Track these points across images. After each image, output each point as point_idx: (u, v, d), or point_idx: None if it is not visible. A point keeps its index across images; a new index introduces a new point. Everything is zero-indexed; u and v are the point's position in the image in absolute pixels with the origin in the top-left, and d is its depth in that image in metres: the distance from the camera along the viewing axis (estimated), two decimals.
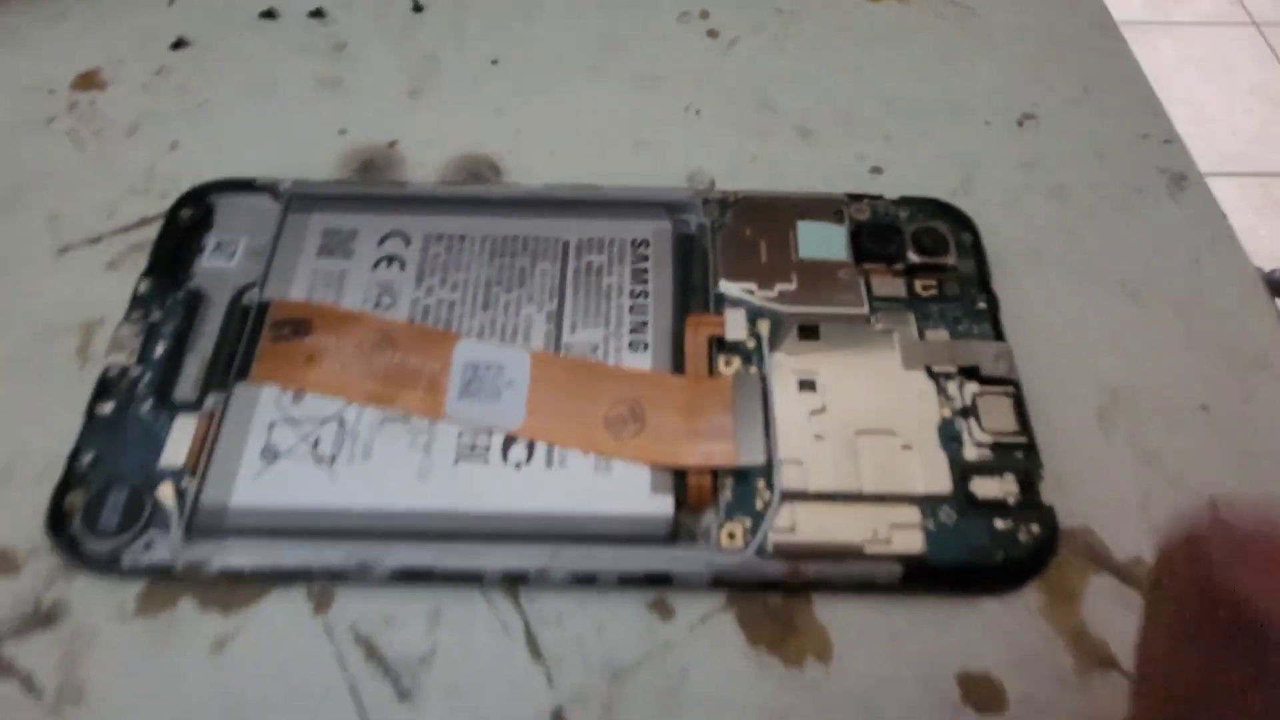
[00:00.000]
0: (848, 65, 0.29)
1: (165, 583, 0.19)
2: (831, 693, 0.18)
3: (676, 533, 0.18)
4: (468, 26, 0.29)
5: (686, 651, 0.18)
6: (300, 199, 0.23)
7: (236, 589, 0.19)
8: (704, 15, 0.31)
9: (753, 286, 0.22)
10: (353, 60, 0.29)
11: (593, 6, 0.30)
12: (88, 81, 0.28)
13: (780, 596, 0.19)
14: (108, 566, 0.18)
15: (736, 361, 0.21)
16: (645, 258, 0.22)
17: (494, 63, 0.29)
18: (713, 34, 0.30)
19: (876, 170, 0.27)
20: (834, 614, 0.19)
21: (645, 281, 0.22)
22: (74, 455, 0.19)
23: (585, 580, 0.18)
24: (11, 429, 0.21)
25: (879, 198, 0.24)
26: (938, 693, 0.18)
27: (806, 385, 0.20)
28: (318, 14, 0.30)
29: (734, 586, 0.19)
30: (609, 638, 0.19)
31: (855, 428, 0.20)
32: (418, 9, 0.30)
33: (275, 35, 0.29)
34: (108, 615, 0.19)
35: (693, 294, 0.22)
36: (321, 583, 0.19)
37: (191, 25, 0.29)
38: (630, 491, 0.19)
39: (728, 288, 0.22)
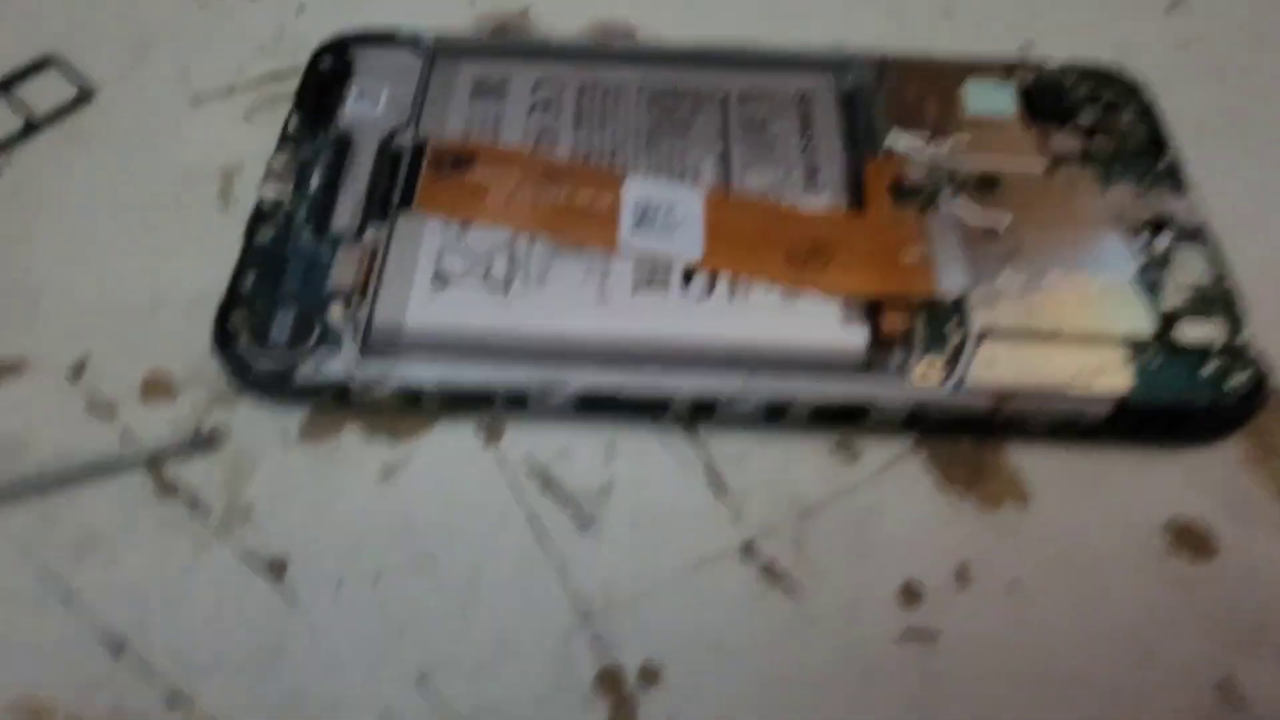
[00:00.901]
0: None
1: (329, 409, 0.18)
2: (1032, 537, 0.18)
3: (870, 366, 0.18)
4: None
5: (875, 491, 0.18)
6: (447, 49, 0.22)
7: (402, 419, 0.18)
8: None
9: (923, 139, 0.21)
10: None
11: None
12: None
13: (971, 441, 0.18)
14: (278, 384, 0.17)
15: (909, 207, 0.20)
16: (809, 110, 0.21)
17: None
18: None
19: (1028, 44, 0.26)
20: (1028, 460, 0.18)
21: (811, 131, 0.21)
22: (236, 278, 0.19)
23: (777, 411, 0.17)
24: (159, 266, 0.20)
25: (1041, 65, 0.23)
26: (1143, 540, 0.17)
27: (990, 233, 0.20)
28: None
29: (928, 425, 0.18)
30: (793, 477, 0.18)
31: (1047, 273, 0.19)
32: None
33: None
34: (270, 440, 0.18)
35: (859, 145, 0.21)
36: (498, 410, 0.18)
37: None
38: (820, 323, 0.18)
39: (898, 139, 0.21)
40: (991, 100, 0.22)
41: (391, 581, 0.17)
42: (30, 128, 0.22)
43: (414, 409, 0.18)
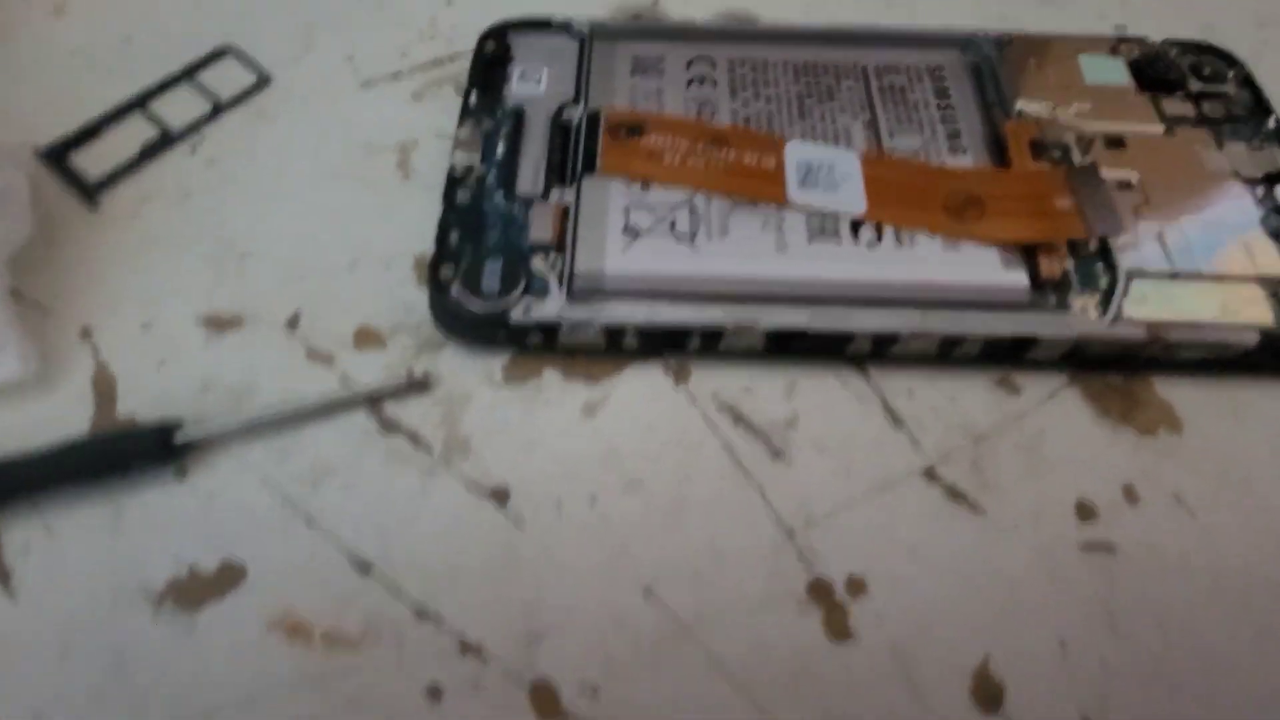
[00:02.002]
0: None
1: (528, 354, 0.20)
2: (1189, 458, 0.19)
3: (1032, 305, 0.19)
4: None
5: (1039, 420, 0.19)
6: (601, 32, 0.24)
7: (595, 363, 0.20)
8: None
9: (1050, 105, 0.23)
10: None
11: None
12: None
13: (1121, 376, 0.20)
14: (491, 328, 0.19)
15: (1047, 164, 0.21)
16: (943, 79, 0.23)
17: None
18: None
19: (1120, 27, 0.28)
20: (1177, 392, 0.20)
21: (948, 98, 0.23)
22: (441, 235, 0.20)
23: (950, 344, 0.19)
24: (350, 230, 0.22)
25: (1144, 39, 0.25)
26: None
27: (1125, 185, 0.21)
28: None
29: (1086, 358, 0.19)
30: (962, 408, 0.19)
31: (1179, 218, 0.20)
32: None
33: None
34: (477, 382, 0.19)
35: (993, 109, 0.22)
36: (691, 348, 0.19)
37: None
38: (983, 267, 0.19)
39: (1028, 104, 0.23)
40: (1106, 71, 0.24)
41: (607, 502, 0.18)
42: (217, 110, 0.24)
43: (615, 349, 0.20)
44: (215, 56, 0.25)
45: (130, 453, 0.17)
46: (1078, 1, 0.28)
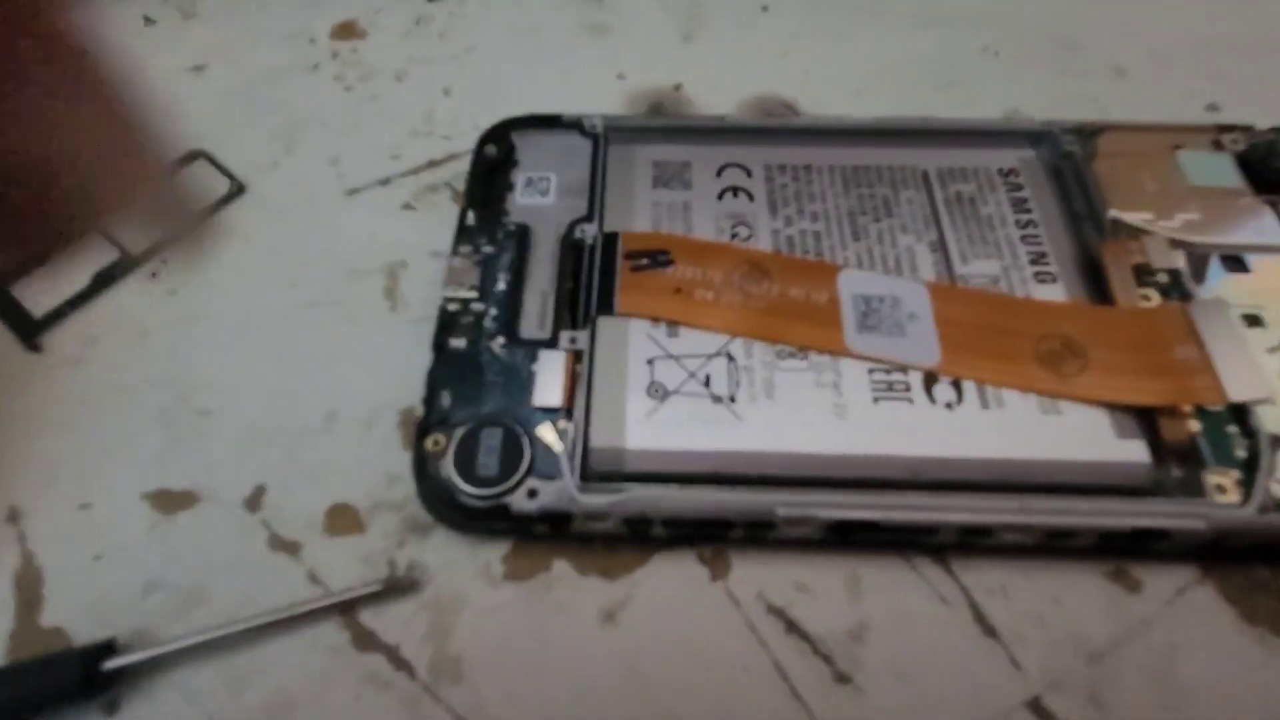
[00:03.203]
0: (1148, 3, 0.26)
1: (534, 541, 0.16)
2: None
3: (1154, 484, 0.15)
4: None
5: (1167, 629, 0.15)
6: (617, 132, 0.21)
7: (615, 552, 0.16)
8: None
9: (1150, 216, 0.20)
10: (614, 9, 0.27)
11: None
12: (347, 31, 0.26)
13: (1269, 569, 0.16)
14: (489, 518, 0.16)
15: (1156, 296, 0.18)
16: (1019, 186, 0.20)
17: (764, 9, 0.27)
18: None
19: (1213, 108, 0.24)
20: None
21: (1028, 210, 0.19)
22: (430, 394, 0.17)
23: (1057, 538, 0.15)
24: (328, 375, 0.19)
25: (1250, 127, 0.22)
26: None
27: (1252, 320, 0.18)
28: None
29: (1228, 551, 0.15)
30: (1070, 613, 0.16)
31: None
32: None
33: None
34: (472, 578, 0.16)
35: (1081, 223, 0.19)
36: (733, 539, 0.16)
37: None
38: (1091, 436, 0.16)
39: (1124, 216, 0.20)
40: (1211, 170, 0.20)
41: None
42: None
43: (639, 538, 0.16)
44: (185, 161, 0.22)
45: (50, 689, 0.14)
46: (1158, 77, 0.24)
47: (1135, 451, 0.16)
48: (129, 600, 0.16)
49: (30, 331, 0.19)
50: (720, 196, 0.20)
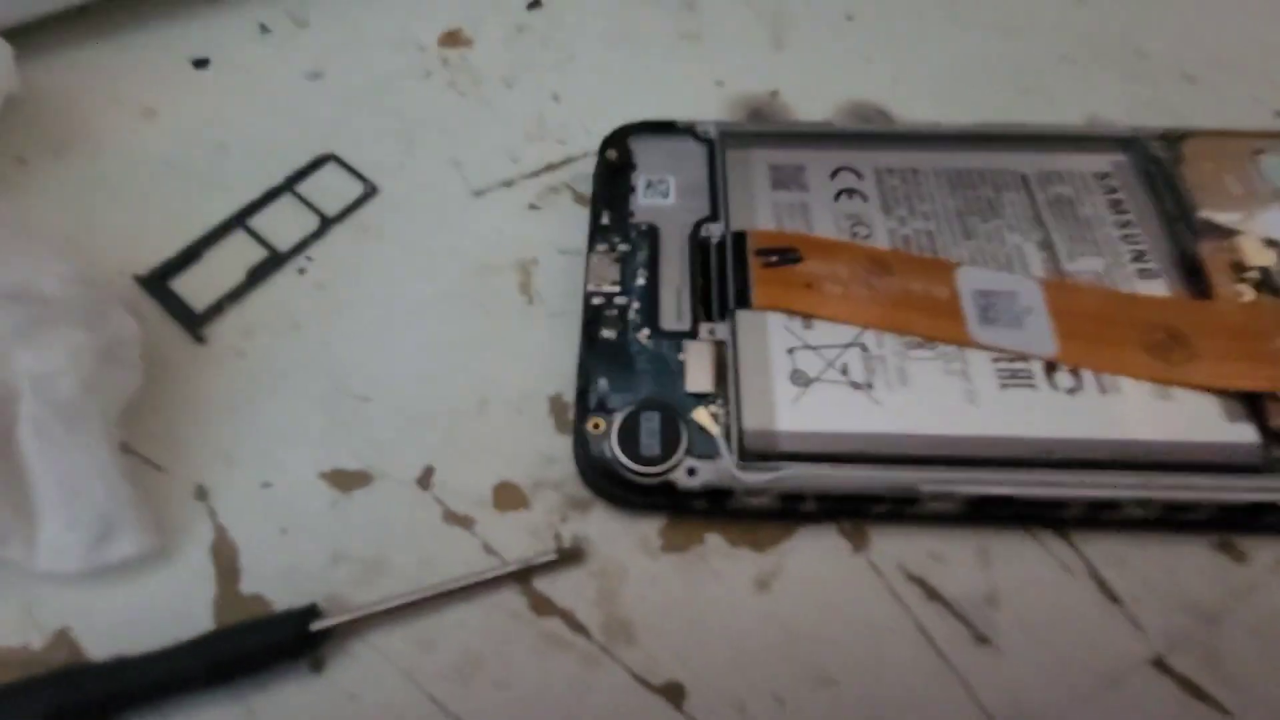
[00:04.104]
0: (1211, 10, 0.27)
1: (688, 518, 0.18)
2: None
3: (1264, 462, 0.17)
4: None
5: (1274, 595, 0.17)
6: (731, 137, 0.22)
7: (762, 525, 0.18)
8: None
9: (1238, 216, 0.21)
10: (705, 16, 0.28)
11: None
12: (453, 39, 0.27)
13: None
14: (653, 495, 0.17)
15: (1251, 292, 0.19)
16: (1114, 189, 0.21)
17: (849, 18, 0.29)
18: None
19: None
20: None
21: (1125, 211, 0.21)
22: (584, 381, 0.18)
23: (1176, 512, 0.16)
24: (476, 364, 0.20)
25: None
26: None
27: None
28: None
29: None
30: (1182, 581, 0.17)
31: None
32: None
33: None
34: (633, 550, 0.17)
35: (1175, 223, 0.20)
36: (878, 513, 0.17)
37: None
38: (1202, 419, 0.17)
39: (1215, 217, 0.21)
40: None
41: (796, 704, 0.16)
42: (324, 225, 0.22)
43: (785, 516, 0.18)
44: (317, 165, 0.23)
45: (264, 649, 0.16)
46: (1225, 83, 0.26)
47: (1244, 433, 0.17)
48: (318, 570, 0.17)
49: (195, 323, 0.21)
50: (836, 198, 0.21)
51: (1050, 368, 0.18)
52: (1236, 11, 0.28)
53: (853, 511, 0.17)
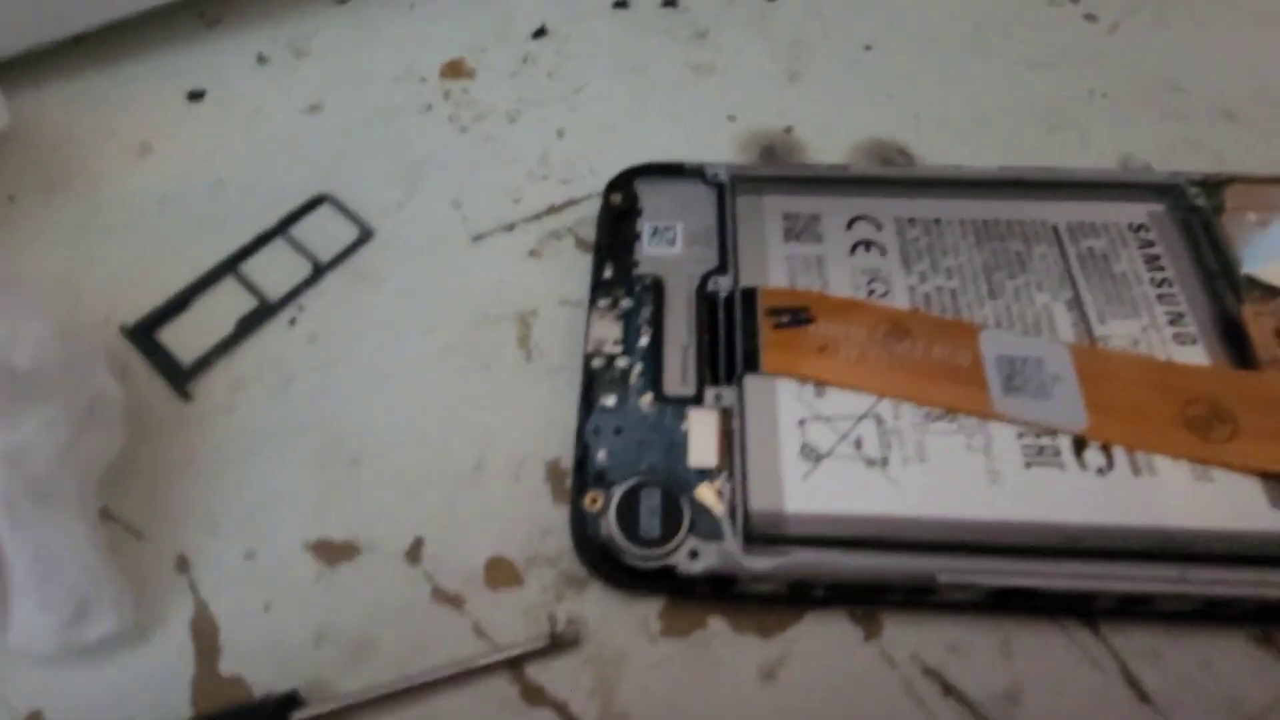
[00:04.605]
0: (1249, 44, 0.26)
1: (689, 601, 0.17)
2: None
3: None
4: (825, 12, 0.27)
5: None
6: (743, 182, 0.21)
7: (769, 610, 0.17)
8: (1074, 0, 0.29)
9: None
10: (718, 47, 0.27)
11: None
12: (455, 70, 0.26)
13: None
14: (651, 579, 0.16)
15: None
16: (1151, 243, 0.20)
17: (867, 48, 0.27)
18: (1090, 18, 0.28)
19: None
20: None
21: (1161, 268, 0.19)
22: (582, 451, 0.17)
23: (1215, 608, 0.15)
24: (471, 423, 0.19)
25: None
26: None
27: None
28: (670, 3, 0.28)
29: None
30: (1221, 678, 0.16)
31: None
32: None
33: (632, 23, 0.27)
34: (631, 634, 0.16)
35: (1214, 280, 0.19)
36: (878, 605, 0.16)
37: (546, 14, 0.27)
38: (1244, 504, 0.16)
39: (1258, 273, 0.20)
40: None
41: None
42: (317, 271, 0.21)
43: (793, 601, 0.16)
44: (312, 206, 0.23)
45: None
46: (1267, 119, 0.24)
47: None
48: (301, 649, 0.16)
49: (181, 379, 0.20)
50: (853, 251, 0.20)
51: (1079, 444, 0.17)
52: (1275, 44, 0.27)
53: (865, 599, 0.16)
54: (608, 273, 0.20)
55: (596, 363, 0.18)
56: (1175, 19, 0.28)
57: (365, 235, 0.22)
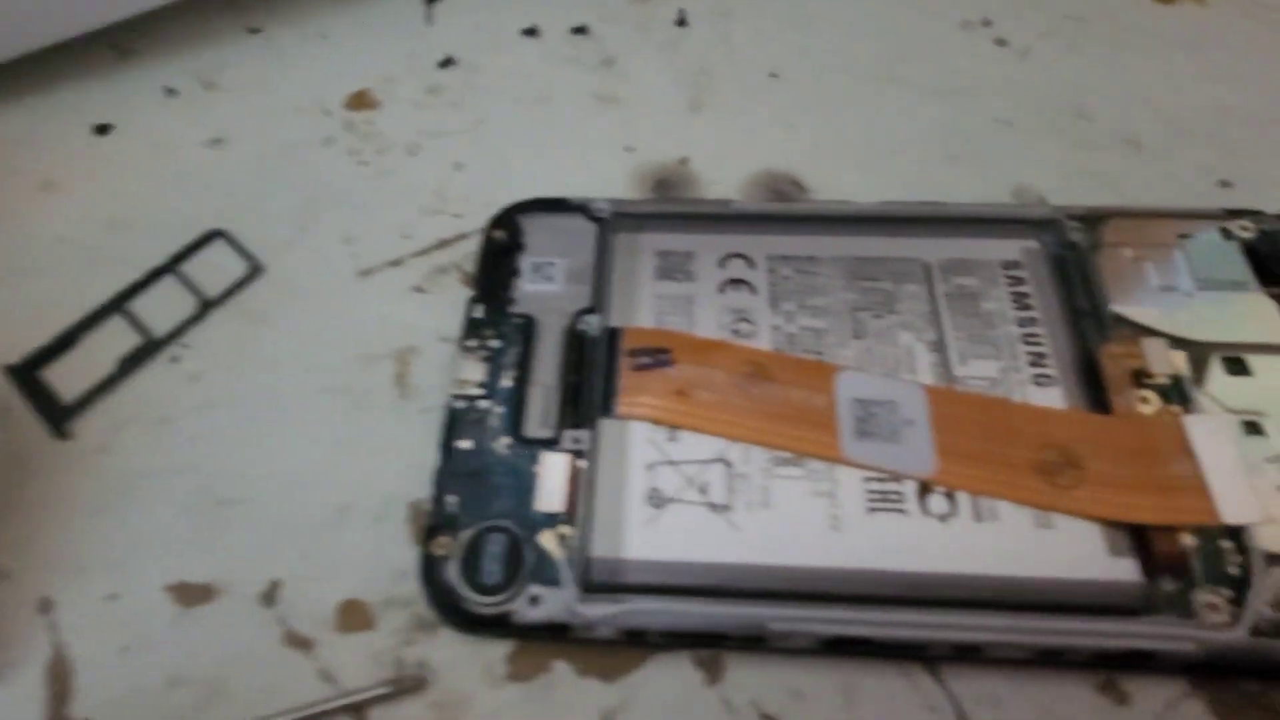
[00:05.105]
0: (1161, 72, 0.26)
1: (537, 644, 0.17)
2: None
3: (1144, 603, 0.15)
4: (735, 39, 0.27)
5: None
6: (623, 218, 0.21)
7: (613, 653, 0.17)
8: (986, 24, 0.28)
9: (1153, 312, 0.20)
10: (624, 76, 0.27)
11: (866, 17, 0.28)
12: (360, 101, 0.26)
13: (1257, 683, 0.16)
14: (490, 625, 0.16)
15: (1155, 399, 0.18)
16: (1021, 280, 0.20)
17: (773, 76, 0.27)
18: (1001, 42, 0.28)
19: (1226, 184, 0.24)
20: None
21: (1029, 307, 0.19)
22: (438, 494, 0.17)
23: (1048, 656, 0.15)
24: (342, 465, 0.19)
25: (1260, 213, 0.21)
26: None
27: (1252, 428, 0.18)
28: (581, 30, 0.29)
29: (1221, 670, 0.15)
30: None
31: None
32: (681, 23, 0.29)
33: (541, 52, 0.27)
34: (477, 678, 0.17)
35: (1082, 319, 0.19)
36: (721, 649, 0.16)
37: (454, 44, 0.28)
38: (1083, 553, 0.16)
39: (1126, 312, 0.20)
40: (1216, 261, 0.20)
41: None
42: (204, 308, 0.22)
43: (634, 646, 0.17)
44: (205, 241, 0.23)
45: None
46: (1171, 149, 0.24)
47: (1127, 570, 0.16)
48: (154, 694, 0.17)
49: (60, 418, 0.20)
50: (722, 289, 0.20)
51: (925, 490, 0.17)
52: (1190, 70, 0.26)
53: (704, 644, 0.16)
54: (478, 312, 0.20)
55: (459, 404, 0.19)
56: (1089, 44, 0.28)
57: (255, 271, 0.23)
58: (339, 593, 0.18)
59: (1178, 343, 0.19)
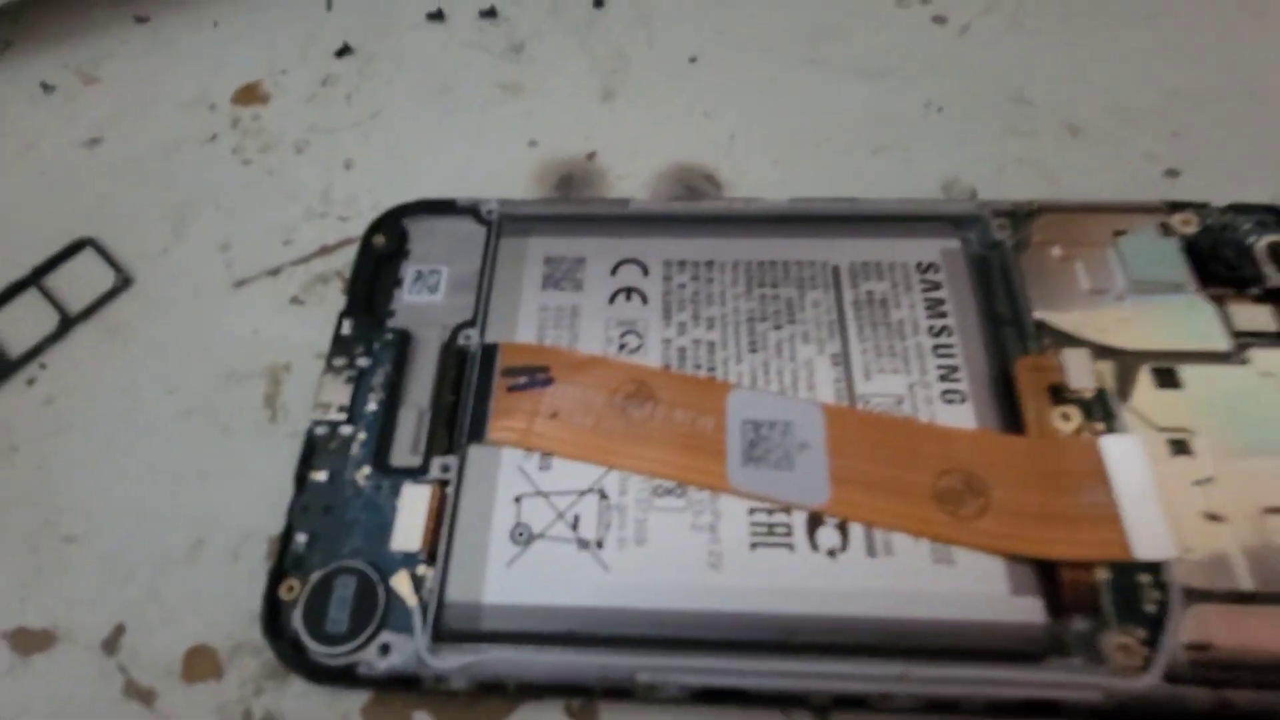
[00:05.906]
0: (1110, 51, 0.24)
1: (395, 694, 0.15)
2: None
3: (1050, 645, 0.14)
4: (655, 20, 0.26)
5: None
6: (512, 221, 0.20)
7: (477, 703, 0.15)
8: (925, 0, 0.27)
9: (1079, 317, 0.18)
10: (533, 62, 0.25)
11: None
12: (249, 95, 0.25)
13: None
14: (336, 676, 0.15)
15: (1077, 415, 0.16)
16: (937, 285, 0.18)
17: (692, 60, 0.25)
18: (939, 20, 0.26)
19: (1172, 173, 0.22)
20: None
21: (944, 315, 0.18)
22: (288, 532, 0.16)
23: (940, 707, 0.14)
24: (200, 494, 0.18)
25: (1205, 206, 0.19)
26: None
27: (1179, 447, 0.16)
28: (490, 13, 0.26)
29: (1132, 717, 0.14)
30: None
31: (1260, 503, 0.15)
32: (598, 4, 0.27)
33: (446, 38, 0.26)
34: None
35: (1002, 327, 0.17)
36: (590, 698, 0.15)
37: (354, 31, 0.26)
38: (984, 591, 0.14)
39: (1049, 319, 0.18)
40: (1154, 261, 0.18)
41: None
42: (65, 324, 0.20)
43: (493, 697, 0.15)
44: (73, 251, 0.21)
45: None
46: (1114, 135, 0.22)
47: (1030, 610, 0.14)
48: None
49: None
50: (612, 299, 0.18)
51: (815, 522, 0.15)
52: (1136, 52, 0.24)
53: (569, 695, 0.15)
54: (346, 328, 0.18)
55: (319, 431, 0.17)
56: (1031, 21, 0.25)
57: (123, 283, 0.21)
58: (186, 639, 0.16)
59: (1104, 352, 0.17)
